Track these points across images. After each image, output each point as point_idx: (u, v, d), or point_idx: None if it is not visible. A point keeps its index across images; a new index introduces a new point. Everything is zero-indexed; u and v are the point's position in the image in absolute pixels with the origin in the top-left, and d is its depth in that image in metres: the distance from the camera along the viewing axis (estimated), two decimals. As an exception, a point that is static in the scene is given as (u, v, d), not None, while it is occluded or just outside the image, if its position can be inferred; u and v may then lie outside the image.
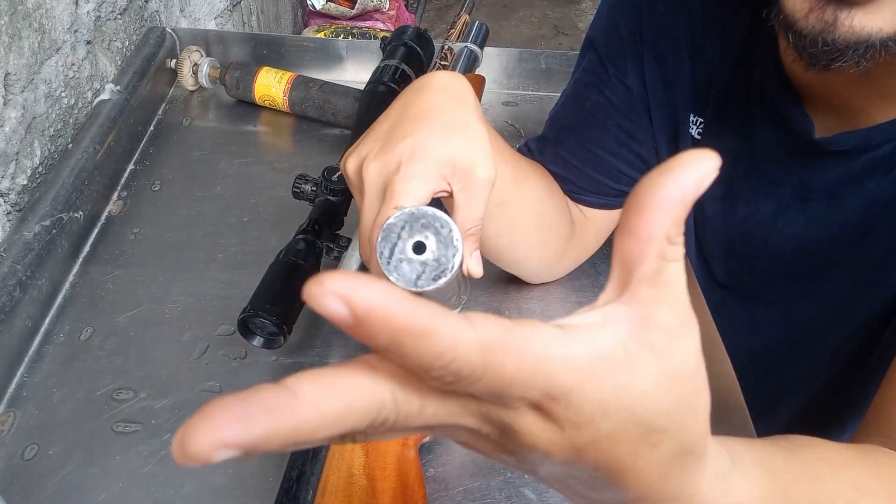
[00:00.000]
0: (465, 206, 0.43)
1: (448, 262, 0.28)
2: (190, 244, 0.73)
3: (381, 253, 0.28)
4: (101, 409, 0.58)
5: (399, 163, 0.42)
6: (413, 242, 0.28)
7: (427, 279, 0.28)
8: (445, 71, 0.48)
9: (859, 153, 0.53)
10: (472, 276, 0.44)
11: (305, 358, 0.62)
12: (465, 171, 0.43)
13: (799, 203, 0.58)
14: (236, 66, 0.89)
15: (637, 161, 0.65)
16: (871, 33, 0.40)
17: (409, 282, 0.28)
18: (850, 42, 0.41)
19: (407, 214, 0.28)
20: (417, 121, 0.44)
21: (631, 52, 0.61)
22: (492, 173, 0.44)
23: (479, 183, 0.43)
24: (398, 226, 0.28)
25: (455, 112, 0.45)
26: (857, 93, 0.51)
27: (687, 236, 0.67)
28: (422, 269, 0.28)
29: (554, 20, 3.02)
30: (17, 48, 0.70)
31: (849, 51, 0.41)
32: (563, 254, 0.67)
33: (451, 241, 0.28)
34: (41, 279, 0.65)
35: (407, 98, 0.46)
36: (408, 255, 0.28)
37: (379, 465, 0.49)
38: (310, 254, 0.59)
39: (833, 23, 0.41)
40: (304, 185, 0.64)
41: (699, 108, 0.60)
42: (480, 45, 0.83)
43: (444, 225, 0.28)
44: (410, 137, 0.43)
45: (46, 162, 0.76)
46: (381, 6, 2.07)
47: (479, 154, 0.44)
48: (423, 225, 0.28)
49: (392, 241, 0.28)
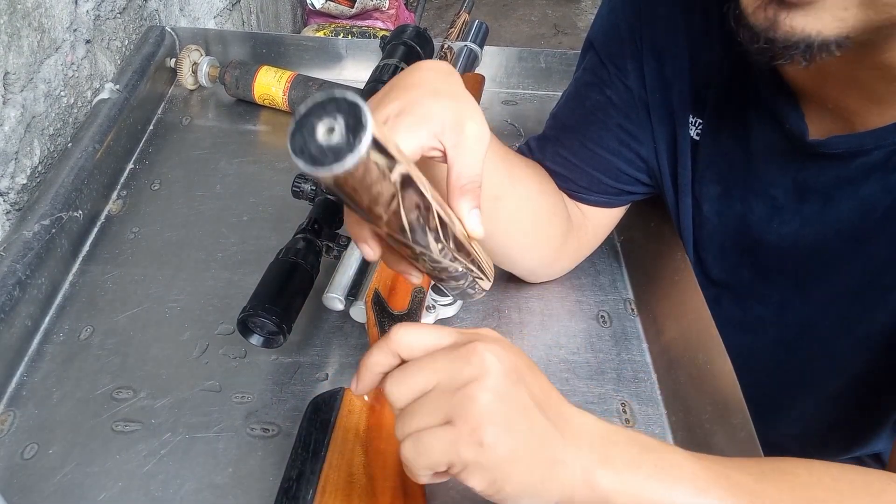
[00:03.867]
0: (459, 160, 0.43)
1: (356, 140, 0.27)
2: (189, 243, 0.73)
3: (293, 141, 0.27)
4: (100, 408, 0.58)
5: (387, 118, 0.42)
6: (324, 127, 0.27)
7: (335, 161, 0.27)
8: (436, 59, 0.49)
9: (852, 157, 0.53)
10: (472, 236, 0.43)
11: (305, 357, 0.63)
12: (456, 127, 0.43)
13: (793, 204, 0.58)
14: (236, 66, 0.89)
15: (637, 160, 0.65)
16: (811, 34, 0.42)
17: (318, 164, 0.27)
18: (790, 41, 0.43)
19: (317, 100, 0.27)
20: (406, 89, 0.44)
21: (631, 53, 0.61)
22: (485, 129, 0.44)
23: (471, 138, 0.43)
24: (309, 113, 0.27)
25: (443, 83, 0.45)
26: (850, 96, 0.51)
27: (686, 235, 0.67)
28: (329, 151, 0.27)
29: (553, 19, 3.02)
30: (16, 47, 0.70)
31: (790, 49, 0.43)
32: (561, 251, 0.67)
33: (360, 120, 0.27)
34: (41, 278, 0.65)
35: (397, 76, 0.47)
36: (317, 140, 0.27)
37: (379, 465, 0.49)
38: (309, 253, 0.59)
39: (774, 21, 0.43)
40: (304, 185, 0.64)
41: (698, 109, 0.61)
42: (480, 44, 0.83)
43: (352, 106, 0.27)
44: (399, 100, 0.43)
45: (46, 161, 0.76)
46: (381, 5, 2.06)
47: (469, 112, 0.43)
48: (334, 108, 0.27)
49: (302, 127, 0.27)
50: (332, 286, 0.60)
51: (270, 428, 0.58)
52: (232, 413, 0.58)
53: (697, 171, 0.63)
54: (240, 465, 0.55)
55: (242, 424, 0.58)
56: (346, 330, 0.65)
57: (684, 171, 0.63)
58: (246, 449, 0.56)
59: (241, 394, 0.60)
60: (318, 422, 0.49)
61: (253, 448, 0.56)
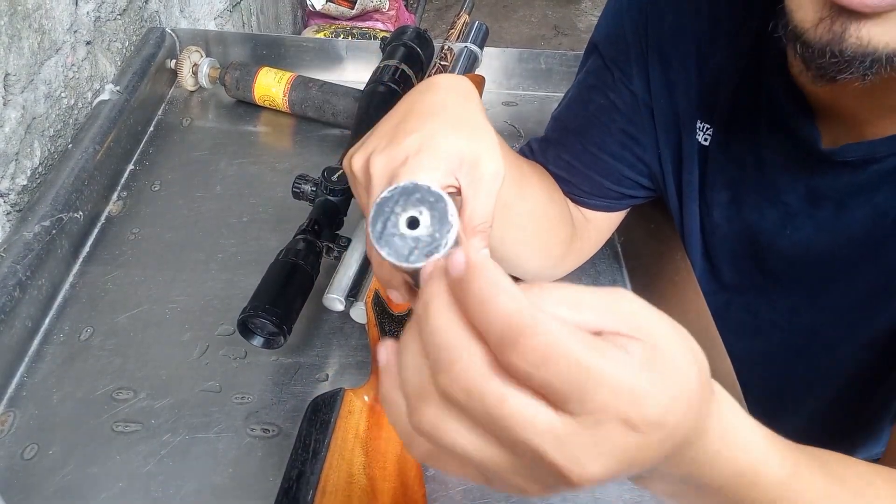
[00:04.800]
0: (474, 200, 0.43)
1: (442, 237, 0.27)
2: (190, 244, 0.73)
3: (374, 228, 0.27)
4: (100, 408, 0.58)
5: (406, 157, 0.42)
6: (406, 217, 0.27)
7: (420, 255, 0.27)
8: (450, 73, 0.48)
9: (865, 165, 0.53)
10: None
11: (305, 358, 0.63)
12: (473, 164, 0.43)
13: (806, 210, 0.58)
14: (236, 67, 0.89)
15: (639, 164, 0.65)
16: (878, 47, 0.40)
17: (401, 257, 0.27)
18: (857, 54, 0.41)
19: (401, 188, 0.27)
20: (424, 117, 0.44)
21: (636, 58, 0.61)
22: (500, 167, 0.44)
23: (487, 176, 0.43)
24: (392, 200, 0.27)
25: (461, 109, 0.45)
26: (864, 105, 0.51)
27: (692, 240, 0.67)
28: (414, 244, 0.27)
29: (554, 20, 3.02)
30: (16, 48, 0.70)
31: (855, 62, 0.41)
32: (565, 255, 0.67)
33: (447, 215, 0.27)
34: (41, 279, 0.65)
35: (413, 97, 0.47)
36: (400, 231, 0.27)
37: (379, 465, 0.49)
38: (309, 254, 0.59)
39: (842, 34, 0.40)
40: (304, 185, 0.64)
41: (706, 114, 0.60)
42: (480, 45, 0.83)
43: (438, 199, 0.27)
44: (417, 132, 0.43)
45: (46, 162, 0.76)
46: (381, 6, 2.06)
47: (486, 148, 0.44)
48: (418, 199, 0.27)
49: (385, 216, 0.27)
50: (333, 287, 0.61)
51: (270, 428, 0.58)
52: (232, 413, 0.58)
53: (707, 176, 0.62)
54: (240, 466, 0.55)
55: (242, 425, 0.58)
56: (347, 331, 0.65)
57: (691, 176, 0.63)
58: (246, 449, 0.56)
59: (241, 394, 0.60)
60: (318, 422, 0.49)
61: (253, 448, 0.56)
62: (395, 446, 0.50)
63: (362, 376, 0.60)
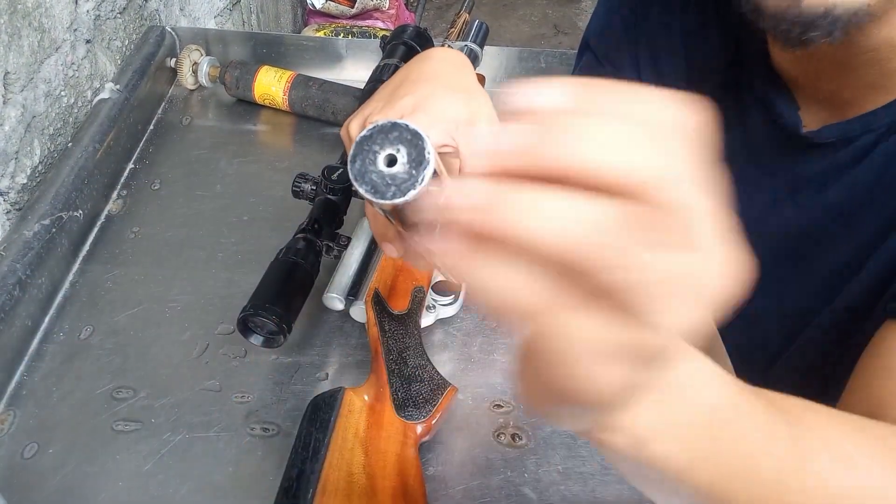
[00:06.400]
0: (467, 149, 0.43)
1: (419, 174, 0.27)
2: (190, 243, 0.73)
3: (353, 166, 0.27)
4: (100, 407, 0.58)
5: (401, 116, 0.43)
6: (385, 155, 0.28)
7: (397, 192, 0.27)
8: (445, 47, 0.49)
9: (844, 144, 0.54)
10: None
11: (305, 357, 0.62)
12: (469, 125, 0.43)
13: (791, 194, 0.59)
14: (236, 65, 0.89)
15: None
16: (836, 4, 0.42)
17: (379, 194, 0.27)
18: (815, 14, 0.42)
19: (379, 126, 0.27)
20: (419, 82, 0.44)
21: (627, 50, 0.62)
22: None
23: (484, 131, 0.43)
24: (370, 138, 0.27)
25: (456, 76, 0.45)
26: (844, 84, 0.52)
27: None
28: (392, 181, 0.27)
29: (554, 19, 3.02)
30: (16, 47, 0.70)
31: (816, 22, 0.43)
32: None
33: (424, 152, 0.27)
34: (41, 278, 0.65)
35: (409, 67, 0.47)
36: (378, 168, 0.27)
37: (379, 464, 0.49)
38: (309, 253, 0.59)
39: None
40: (304, 184, 0.64)
41: None
42: (480, 43, 0.82)
43: (416, 136, 0.27)
44: (412, 95, 0.43)
45: (46, 161, 0.76)
46: (381, 5, 2.06)
47: (483, 110, 0.44)
48: (396, 137, 0.27)
49: (364, 155, 0.27)
50: (333, 286, 0.61)
51: (270, 428, 0.57)
52: (232, 413, 0.58)
53: None
54: (240, 465, 0.55)
55: (242, 424, 0.58)
56: (347, 330, 0.65)
57: None
58: (246, 449, 0.56)
59: (241, 393, 0.60)
60: (318, 421, 0.49)
61: (253, 448, 0.56)
62: (395, 445, 0.50)
63: (362, 375, 0.60)
